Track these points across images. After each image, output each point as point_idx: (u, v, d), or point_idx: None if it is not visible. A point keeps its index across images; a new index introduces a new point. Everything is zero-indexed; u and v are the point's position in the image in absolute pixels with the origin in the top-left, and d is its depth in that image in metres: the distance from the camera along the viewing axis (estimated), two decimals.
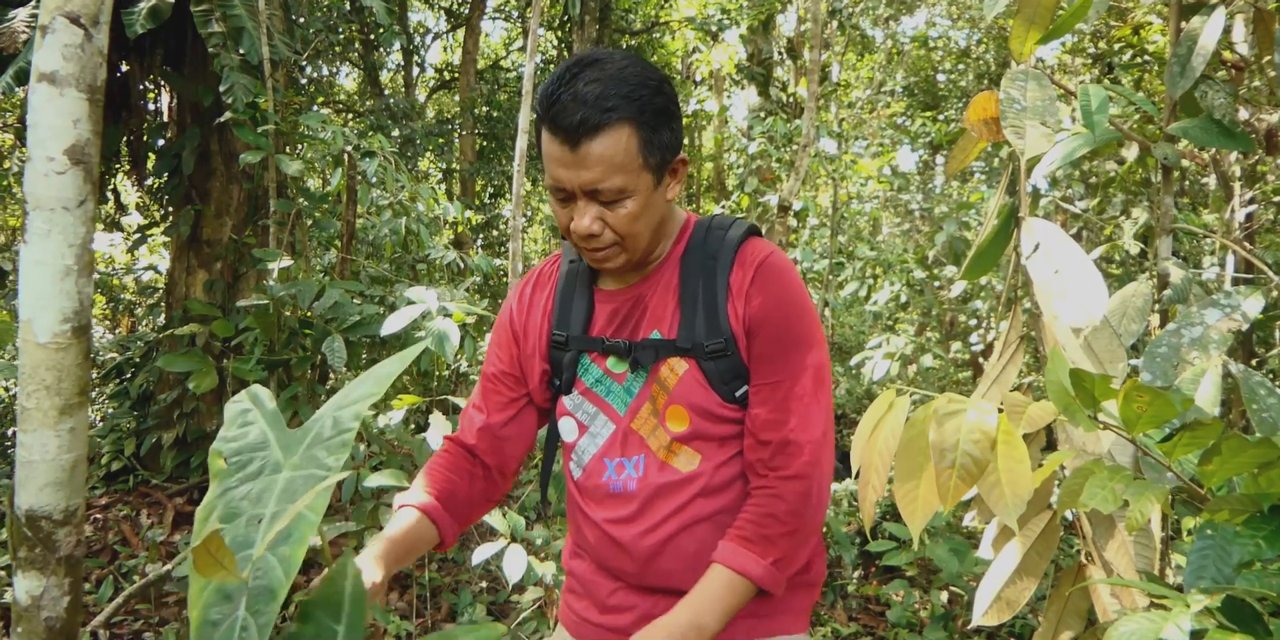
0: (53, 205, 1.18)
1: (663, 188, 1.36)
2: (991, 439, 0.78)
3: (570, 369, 1.48)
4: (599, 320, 1.47)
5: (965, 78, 10.40)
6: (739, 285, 1.37)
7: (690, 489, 1.40)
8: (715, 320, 1.36)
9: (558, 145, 1.26)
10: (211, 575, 0.66)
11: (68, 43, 1.16)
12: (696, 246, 1.42)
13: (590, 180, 1.26)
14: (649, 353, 1.40)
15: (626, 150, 1.26)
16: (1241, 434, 0.73)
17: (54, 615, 1.18)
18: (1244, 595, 0.80)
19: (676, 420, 1.39)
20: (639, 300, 1.44)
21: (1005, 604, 1.43)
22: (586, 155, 1.25)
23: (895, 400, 0.83)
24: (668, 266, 1.44)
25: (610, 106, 1.24)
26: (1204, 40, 1.71)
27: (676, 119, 1.34)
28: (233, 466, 0.83)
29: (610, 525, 1.46)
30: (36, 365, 1.19)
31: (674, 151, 1.35)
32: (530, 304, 1.55)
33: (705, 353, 1.36)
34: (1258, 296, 1.51)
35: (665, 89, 1.32)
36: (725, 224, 1.45)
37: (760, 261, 1.38)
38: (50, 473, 1.20)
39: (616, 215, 1.30)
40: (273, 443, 0.85)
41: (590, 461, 1.48)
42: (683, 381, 1.38)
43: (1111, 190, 5.52)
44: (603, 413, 1.47)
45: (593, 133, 1.24)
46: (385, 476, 2.90)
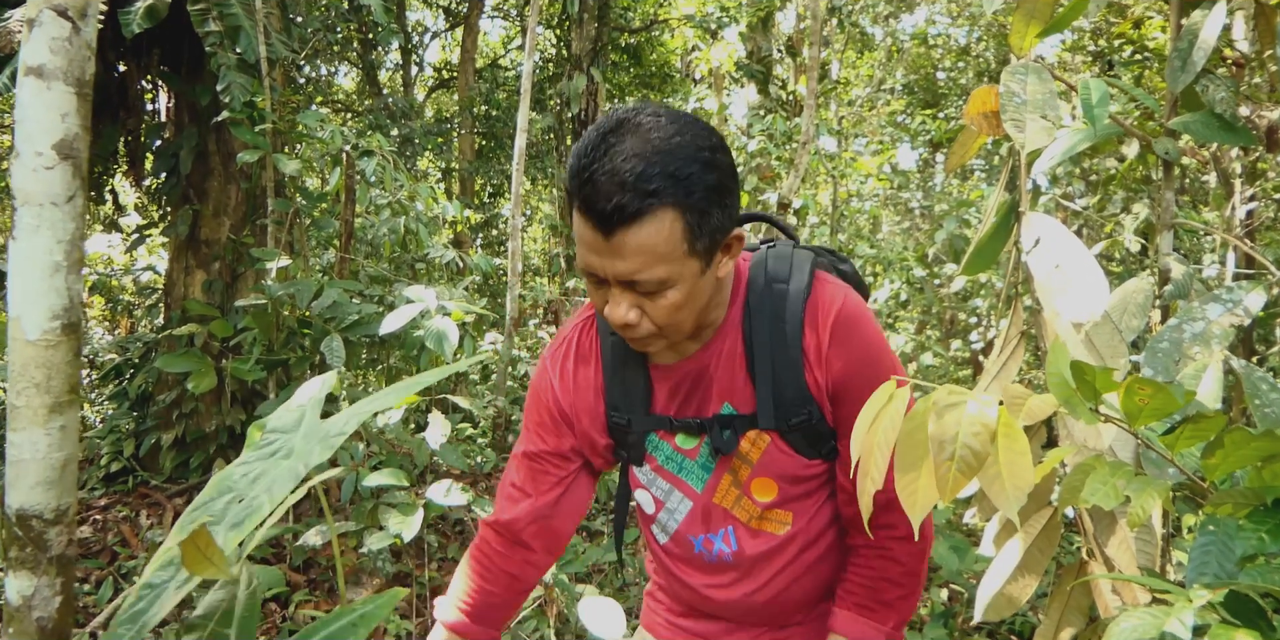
0: (41, 201, 1.17)
1: (713, 269, 1.17)
2: (992, 431, 0.77)
3: (638, 446, 1.38)
4: (660, 398, 1.33)
5: (965, 75, 10.39)
6: (815, 350, 1.24)
7: (790, 549, 1.36)
8: (796, 393, 1.25)
9: (589, 230, 1.08)
10: (200, 572, 0.65)
11: (55, 36, 1.14)
12: (757, 308, 1.27)
13: (626, 271, 1.09)
14: (731, 438, 1.28)
15: (669, 239, 1.07)
16: (1245, 426, 0.72)
17: (45, 615, 1.17)
18: (1247, 590, 0.79)
19: (764, 491, 1.32)
20: (702, 372, 1.30)
21: (1006, 601, 1.42)
22: (622, 245, 1.06)
23: (895, 392, 0.82)
24: (728, 332, 1.29)
25: (652, 190, 1.04)
26: (1205, 34, 1.69)
27: (731, 194, 1.14)
28: (263, 442, 0.84)
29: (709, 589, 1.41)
30: (26, 363, 1.18)
31: (727, 230, 1.15)
32: (577, 382, 1.39)
33: (789, 426, 1.26)
34: (1260, 291, 1.49)
35: (719, 160, 1.11)
36: (783, 273, 1.28)
37: (833, 320, 1.24)
38: (41, 472, 1.19)
39: (656, 306, 1.13)
40: (303, 429, 0.85)
41: (675, 534, 1.41)
42: (768, 453, 1.29)
43: (1112, 188, 5.52)
44: (678, 490, 1.38)
45: (630, 221, 1.05)
46: (384, 476, 2.89)
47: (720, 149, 1.12)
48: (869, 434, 0.83)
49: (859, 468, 0.86)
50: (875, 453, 0.84)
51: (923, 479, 0.85)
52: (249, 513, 0.69)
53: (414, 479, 3.70)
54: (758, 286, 1.28)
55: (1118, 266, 7.06)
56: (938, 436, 0.78)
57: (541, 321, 8.50)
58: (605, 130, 1.08)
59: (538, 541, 1.42)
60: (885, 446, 0.84)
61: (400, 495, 3.15)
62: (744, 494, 1.33)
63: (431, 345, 3.16)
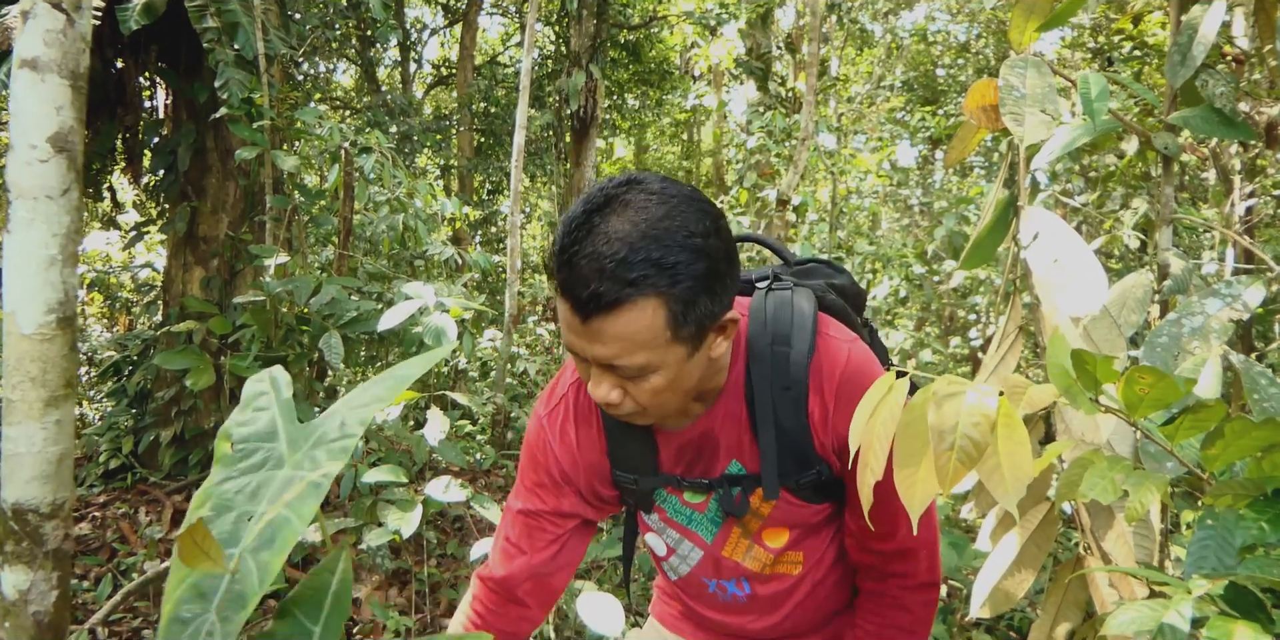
0: (36, 194, 1.16)
1: (703, 351, 1.11)
2: (991, 421, 0.77)
3: (646, 498, 1.36)
4: (666, 459, 1.30)
5: (965, 72, 10.38)
6: (820, 415, 1.20)
7: (804, 587, 1.38)
8: (804, 456, 1.22)
9: (568, 312, 1.03)
10: (197, 565, 0.64)
11: (49, 28, 1.14)
12: (760, 374, 1.21)
13: (605, 356, 1.04)
14: (738, 490, 1.26)
15: (650, 328, 1.01)
16: (1245, 415, 0.72)
17: (42, 609, 1.17)
18: (1246, 582, 0.78)
19: (776, 538, 1.33)
20: (707, 435, 1.27)
21: (1003, 596, 1.41)
22: (600, 332, 1.02)
23: (895, 383, 0.82)
24: (730, 397, 1.25)
25: (633, 279, 0.98)
26: (1205, 28, 1.69)
27: (724, 278, 1.06)
28: (238, 454, 0.80)
29: (723, 623, 1.44)
30: (21, 357, 1.17)
31: (718, 315, 1.08)
32: (580, 444, 1.34)
33: (797, 486, 1.25)
34: (1259, 286, 1.49)
35: (711, 246, 1.03)
36: (784, 332, 1.21)
37: (838, 383, 1.19)
38: (36, 466, 1.18)
39: (639, 389, 1.09)
40: (281, 435, 0.82)
41: (687, 576, 1.42)
42: (778, 508, 1.29)
43: (1111, 184, 5.51)
44: (688, 540, 1.38)
45: (608, 310, 0.99)
46: (383, 472, 2.89)
47: (715, 232, 1.05)
48: (868, 425, 0.82)
49: (858, 459, 0.86)
50: (874, 444, 0.84)
51: (922, 471, 0.85)
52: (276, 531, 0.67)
53: (413, 475, 3.70)
54: (759, 348, 1.22)
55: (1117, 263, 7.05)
56: (937, 426, 0.78)
57: (540, 318, 8.50)
58: (592, 208, 1.02)
59: (532, 598, 1.40)
60: (884, 438, 0.83)
61: (399, 492, 3.15)
62: (755, 543, 1.34)
63: (430, 342, 3.16)
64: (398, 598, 3.79)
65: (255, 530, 0.68)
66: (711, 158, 13.45)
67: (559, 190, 11.24)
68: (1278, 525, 0.72)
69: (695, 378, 1.13)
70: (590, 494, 1.37)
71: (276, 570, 0.66)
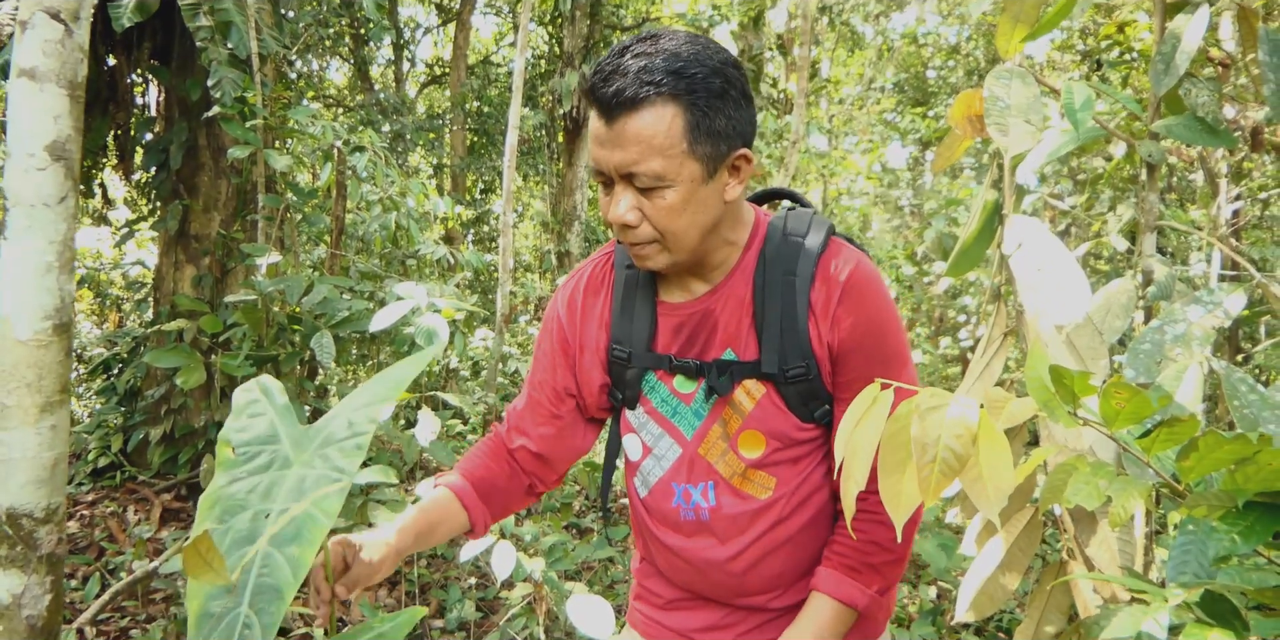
0: (33, 202, 1.17)
1: (716, 184, 1.18)
2: (973, 434, 0.78)
3: (634, 386, 1.37)
4: (663, 335, 1.34)
5: (955, 74, 10.42)
6: (823, 305, 1.24)
7: (769, 515, 1.33)
8: (797, 343, 1.24)
9: (597, 120, 1.14)
10: (200, 577, 0.65)
11: (48, 38, 1.14)
12: (771, 257, 1.28)
13: (623, 161, 1.12)
14: (725, 377, 1.28)
15: (668, 132, 1.11)
16: (1217, 430, 0.73)
17: (35, 613, 1.18)
18: (1222, 590, 0.80)
19: (751, 446, 1.31)
20: (707, 315, 1.31)
21: (988, 599, 1.44)
22: (622, 133, 1.11)
23: (878, 394, 0.84)
24: (738, 278, 1.30)
25: (655, 80, 1.09)
26: (1188, 38, 1.71)
27: (739, 106, 1.16)
28: (240, 457, 0.82)
29: (685, 551, 1.39)
30: (17, 363, 1.18)
31: (733, 143, 1.17)
32: (584, 312, 1.41)
33: (786, 377, 1.26)
34: (1240, 293, 1.51)
35: (727, 71, 1.15)
36: (801, 228, 1.29)
37: (847, 278, 1.24)
38: (31, 471, 1.19)
39: (655, 206, 1.15)
40: (283, 437, 0.83)
41: (656, 484, 1.39)
42: (760, 406, 1.29)
43: (1099, 187, 5.55)
44: (668, 435, 1.37)
45: (630, 107, 1.10)
46: (374, 473, 2.89)
47: (732, 64, 1.16)
48: (853, 436, 0.84)
49: (842, 469, 0.88)
50: (859, 455, 0.85)
51: (906, 480, 0.86)
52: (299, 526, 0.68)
53: (403, 475, 3.71)
54: (774, 237, 1.29)
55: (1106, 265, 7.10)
56: (920, 439, 0.79)
57: (532, 318, 8.51)
58: (626, 44, 1.14)
59: (526, 462, 1.45)
60: (869, 448, 0.85)
61: (389, 492, 3.16)
62: (730, 449, 1.32)
63: (422, 342, 3.17)
64: (387, 598, 3.80)
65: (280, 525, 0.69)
66: None
67: (551, 190, 11.25)
68: (1249, 537, 0.74)
69: (711, 212, 1.20)
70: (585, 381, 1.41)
71: (308, 564, 0.68)
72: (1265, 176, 5.13)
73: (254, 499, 0.74)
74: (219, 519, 0.72)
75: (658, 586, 1.51)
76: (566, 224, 10.41)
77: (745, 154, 1.20)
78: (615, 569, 4.01)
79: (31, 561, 1.18)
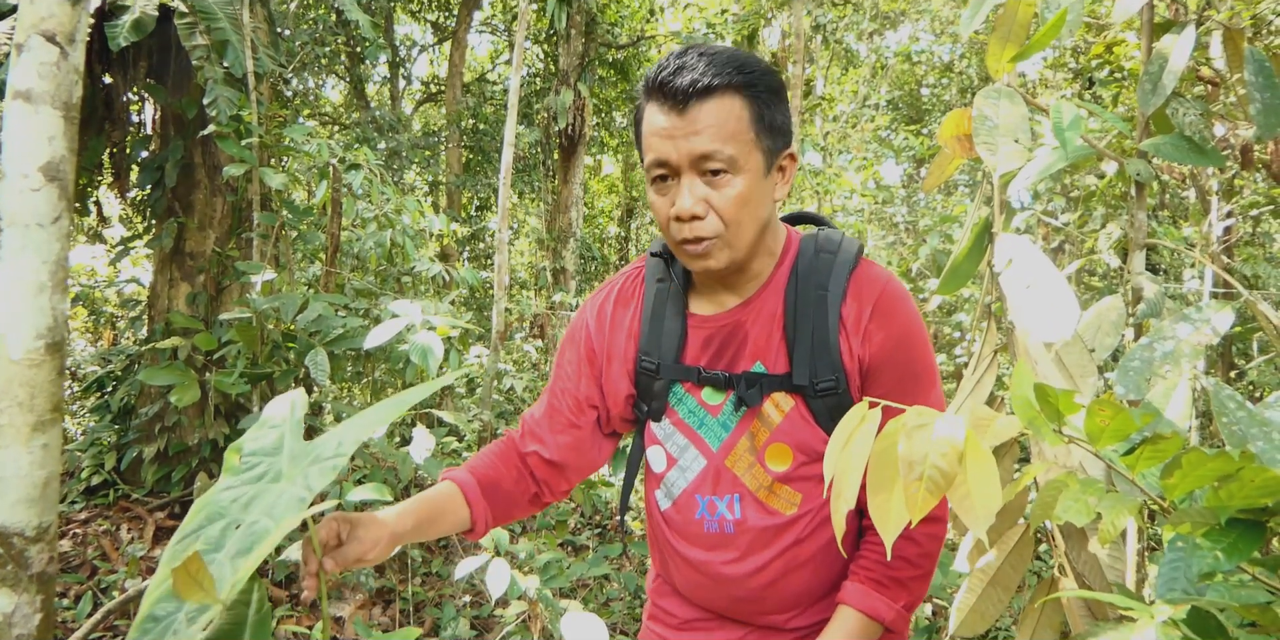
0: (27, 222, 1.17)
1: (770, 181, 1.24)
2: (959, 452, 0.79)
3: (661, 398, 1.38)
4: (693, 347, 1.35)
5: (948, 91, 10.49)
6: (854, 320, 1.27)
7: (793, 531, 1.33)
8: (827, 357, 1.26)
9: (663, 114, 1.17)
10: (190, 597, 0.66)
11: (43, 61, 1.15)
12: (804, 272, 1.30)
13: (699, 147, 1.16)
14: (754, 389, 1.29)
15: (739, 118, 1.17)
16: (1200, 448, 0.74)
17: (26, 633, 1.17)
18: (1208, 606, 0.81)
19: (778, 459, 1.31)
20: (738, 328, 1.32)
21: (980, 616, 1.44)
22: (696, 119, 1.16)
23: (866, 413, 0.84)
24: (770, 292, 1.32)
25: (724, 72, 1.16)
26: (1175, 58, 1.73)
27: (786, 108, 1.25)
28: (244, 465, 0.82)
29: (705, 565, 1.38)
30: (9, 381, 1.18)
31: (786, 140, 1.25)
32: (614, 323, 1.42)
33: (815, 391, 1.27)
34: (1227, 311, 1.52)
35: (776, 74, 1.23)
36: (833, 246, 1.32)
37: (878, 294, 1.28)
38: (22, 489, 1.19)
39: (723, 196, 1.18)
40: (285, 451, 0.84)
41: (680, 496, 1.39)
42: (789, 419, 1.29)
43: (1092, 204, 5.58)
44: (694, 446, 1.37)
45: (703, 95, 1.15)
46: (368, 490, 2.89)
47: (784, 88, 1.25)
48: (842, 455, 0.85)
49: (832, 488, 0.88)
50: (848, 473, 0.86)
51: (894, 498, 0.87)
52: (254, 539, 0.69)
53: (398, 493, 3.70)
54: (807, 253, 1.32)
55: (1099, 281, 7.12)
56: (907, 457, 0.80)
57: (528, 335, 8.51)
58: (682, 49, 1.22)
59: (538, 469, 1.43)
60: (858, 467, 0.85)
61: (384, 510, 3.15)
62: (757, 461, 1.32)
63: (416, 359, 3.17)
64: (382, 617, 3.78)
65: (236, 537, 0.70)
66: None
67: (547, 207, 11.28)
68: (1232, 554, 0.74)
69: (765, 209, 1.24)
70: (611, 392, 1.41)
71: (246, 575, 0.68)
72: (1256, 194, 5.16)
73: (235, 509, 0.74)
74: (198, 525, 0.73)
75: (673, 606, 1.50)
76: (562, 241, 10.43)
77: (792, 153, 1.27)
78: (610, 587, 3.99)
79: (22, 581, 1.17)
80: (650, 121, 1.20)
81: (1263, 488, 0.74)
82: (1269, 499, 0.76)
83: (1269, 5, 3.79)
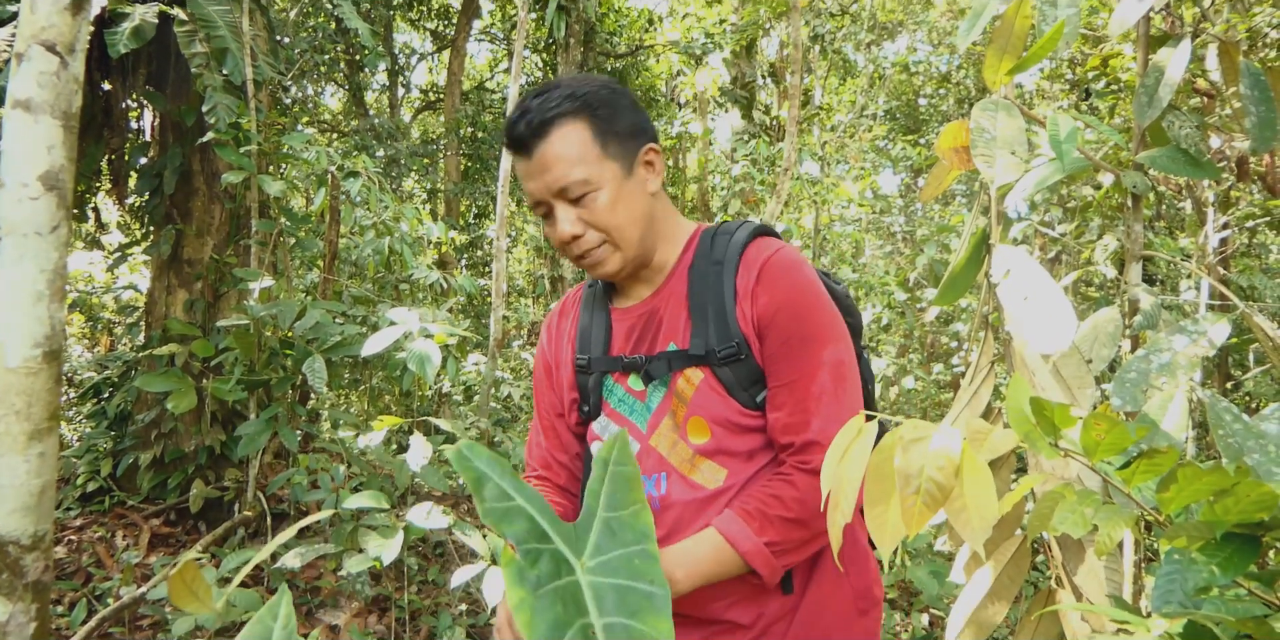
0: (25, 231, 1.17)
1: (636, 178, 1.34)
2: (956, 465, 0.79)
3: (595, 392, 1.45)
4: (617, 339, 1.44)
5: (946, 102, 10.53)
6: (745, 287, 1.33)
7: (717, 506, 1.34)
8: (724, 325, 1.32)
9: (519, 160, 1.30)
10: (186, 606, 0.65)
11: (43, 70, 1.15)
12: (703, 254, 1.40)
13: (553, 181, 1.27)
14: (662, 364, 1.36)
15: (580, 142, 1.28)
16: (1196, 462, 0.74)
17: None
18: (1204, 620, 0.81)
19: (697, 432, 1.35)
20: (653, 315, 1.41)
21: (978, 628, 1.43)
22: (543, 158, 1.27)
23: (863, 426, 0.85)
24: (676, 277, 1.41)
25: (554, 106, 1.27)
26: (1171, 71, 1.74)
27: (633, 109, 1.35)
28: (526, 558, 0.74)
29: None
30: (6, 390, 1.18)
31: (639, 139, 1.35)
32: (558, 333, 1.55)
33: (718, 359, 1.32)
34: (1223, 323, 1.53)
35: (612, 85, 1.34)
36: (731, 229, 1.42)
37: (765, 260, 1.34)
38: (18, 498, 1.18)
39: (592, 211, 1.29)
40: (553, 536, 0.76)
41: None
42: (700, 391, 1.34)
43: (1088, 215, 5.59)
44: (628, 432, 1.38)
45: (541, 134, 1.27)
46: (365, 498, 2.88)
47: (613, 85, 1.35)
48: (838, 468, 0.85)
49: (829, 500, 0.88)
50: (844, 486, 0.86)
51: (891, 511, 0.87)
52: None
53: (394, 501, 3.69)
54: (707, 238, 1.42)
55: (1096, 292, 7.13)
56: (903, 470, 0.80)
57: (525, 342, 8.50)
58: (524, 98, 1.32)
59: (574, 486, 1.54)
60: (854, 479, 0.86)
61: (380, 517, 3.14)
62: (680, 438, 1.36)
63: (414, 367, 3.17)
64: (377, 625, 3.77)
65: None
66: (697, 184, 13.54)
67: None
68: (1228, 568, 0.74)
69: (640, 206, 1.34)
70: (562, 393, 1.51)
71: None
72: (1252, 205, 5.17)
73: (561, 611, 0.67)
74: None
75: None
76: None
77: (653, 147, 1.38)
78: None
79: (17, 589, 1.17)
80: (516, 170, 1.33)
81: (1258, 502, 0.74)
82: (1264, 513, 0.76)
83: (1264, 18, 3.81)
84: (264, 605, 0.71)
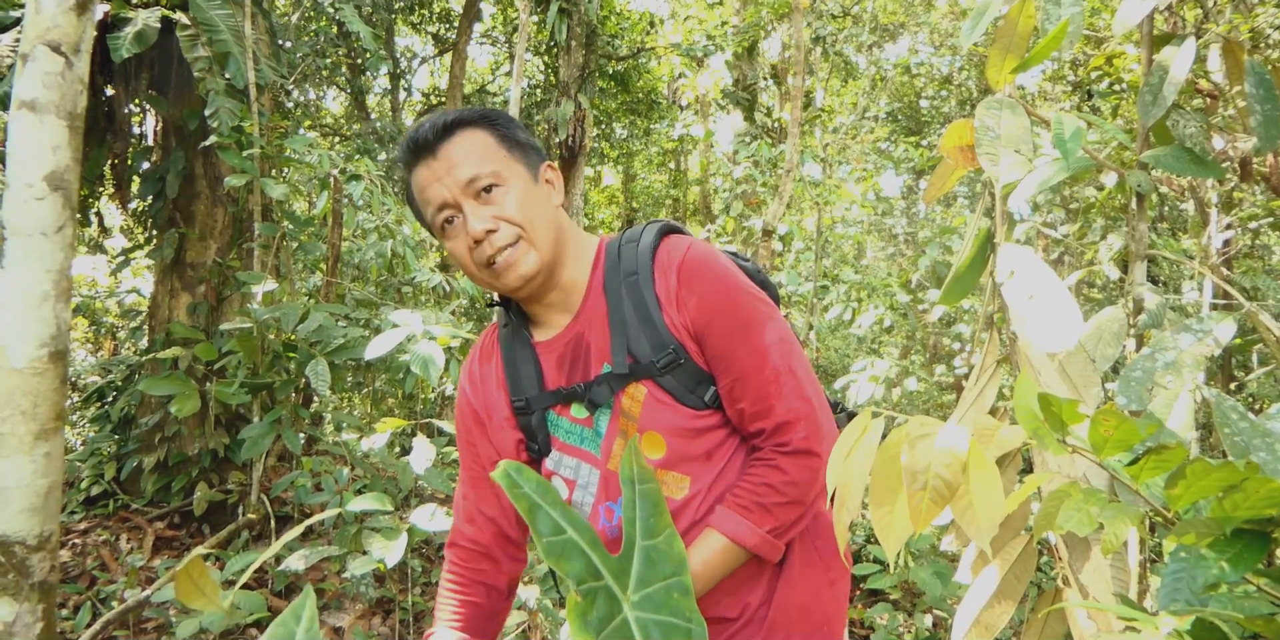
0: (31, 231, 1.17)
1: (541, 188, 1.36)
2: (962, 462, 0.79)
3: (541, 429, 1.43)
4: (549, 372, 1.41)
5: (948, 103, 10.52)
6: (667, 294, 1.32)
7: (688, 513, 1.34)
8: (656, 334, 1.31)
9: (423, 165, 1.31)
10: (193, 603, 0.65)
11: (48, 71, 1.16)
12: (612, 268, 1.37)
13: (462, 174, 1.28)
14: (603, 389, 1.34)
15: (485, 143, 1.31)
16: (1205, 458, 0.74)
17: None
18: (1212, 617, 0.80)
19: (653, 447, 1.33)
20: (579, 340, 1.38)
21: (984, 628, 1.43)
22: (450, 154, 1.29)
23: (869, 423, 0.84)
24: (593, 298, 1.38)
25: (459, 116, 1.32)
26: (1175, 70, 1.74)
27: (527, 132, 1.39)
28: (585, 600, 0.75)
29: None
30: (12, 390, 1.18)
31: (538, 154, 1.38)
32: (483, 380, 1.49)
33: (659, 369, 1.31)
34: (1229, 322, 1.53)
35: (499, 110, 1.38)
36: (634, 236, 1.40)
37: (679, 263, 1.32)
38: (25, 498, 1.18)
39: (504, 205, 1.29)
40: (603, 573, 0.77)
41: (590, 513, 1.41)
42: (647, 406, 1.32)
43: (1091, 215, 5.59)
44: (584, 462, 1.40)
45: (446, 134, 1.30)
46: (368, 500, 2.88)
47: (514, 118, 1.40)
48: (844, 466, 0.85)
49: (835, 499, 0.88)
50: (851, 484, 0.86)
51: (897, 509, 0.86)
52: None
53: (398, 503, 3.69)
54: (612, 251, 1.40)
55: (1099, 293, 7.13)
56: (910, 467, 0.80)
57: None
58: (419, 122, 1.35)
59: (497, 549, 1.48)
60: (860, 477, 0.85)
61: (384, 520, 3.14)
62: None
63: (417, 370, 3.16)
64: (381, 627, 3.77)
65: None
66: (699, 186, 13.54)
67: None
68: (1238, 564, 0.74)
69: (549, 210, 1.34)
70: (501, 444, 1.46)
71: None
72: (1255, 206, 5.17)
73: None
74: None
75: None
76: None
77: (551, 165, 1.41)
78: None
79: (24, 589, 1.17)
80: (416, 181, 1.32)
81: (1267, 498, 0.74)
82: (1274, 510, 0.75)
83: (1267, 18, 3.81)
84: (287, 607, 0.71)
